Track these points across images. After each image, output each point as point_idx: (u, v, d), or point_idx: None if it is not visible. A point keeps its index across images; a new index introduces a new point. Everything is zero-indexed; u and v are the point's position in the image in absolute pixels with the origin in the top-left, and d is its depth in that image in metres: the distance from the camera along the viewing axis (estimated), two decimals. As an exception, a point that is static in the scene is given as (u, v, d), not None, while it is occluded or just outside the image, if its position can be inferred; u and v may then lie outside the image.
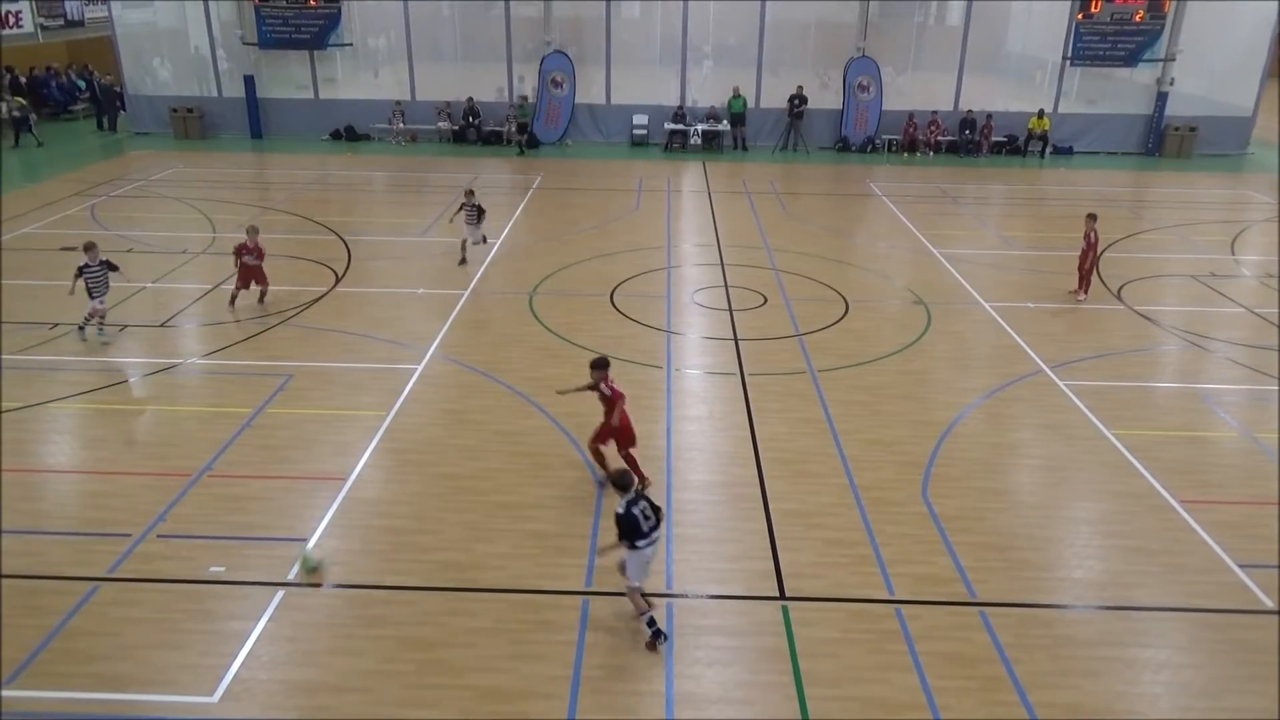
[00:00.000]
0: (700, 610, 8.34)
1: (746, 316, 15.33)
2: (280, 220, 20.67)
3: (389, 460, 10.71)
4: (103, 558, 8.81)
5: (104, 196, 22.46)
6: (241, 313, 14.93)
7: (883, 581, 8.70)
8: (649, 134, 30.30)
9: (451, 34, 31.50)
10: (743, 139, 29.83)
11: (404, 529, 9.40)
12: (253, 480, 10.18)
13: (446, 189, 23.92)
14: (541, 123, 30.09)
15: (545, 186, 24.42)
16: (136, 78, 30.96)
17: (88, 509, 9.69)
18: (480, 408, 11.98)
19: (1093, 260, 16.11)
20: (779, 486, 10.29)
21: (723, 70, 30.47)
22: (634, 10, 31.47)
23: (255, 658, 7.61)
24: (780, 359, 13.64)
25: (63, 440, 11.32)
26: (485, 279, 16.88)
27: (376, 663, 7.59)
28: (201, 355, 13.47)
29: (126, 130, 31.36)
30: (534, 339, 14.22)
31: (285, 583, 8.51)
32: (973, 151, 29.64)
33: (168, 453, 10.72)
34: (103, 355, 13.38)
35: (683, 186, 24.99)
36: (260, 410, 11.71)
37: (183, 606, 8.18)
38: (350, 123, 30.44)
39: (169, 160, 27.01)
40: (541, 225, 20.74)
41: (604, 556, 8.25)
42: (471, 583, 8.60)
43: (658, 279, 17.12)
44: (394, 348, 13.73)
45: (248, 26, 29.70)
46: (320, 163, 27.21)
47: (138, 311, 14.99)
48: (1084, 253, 16.03)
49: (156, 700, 7.15)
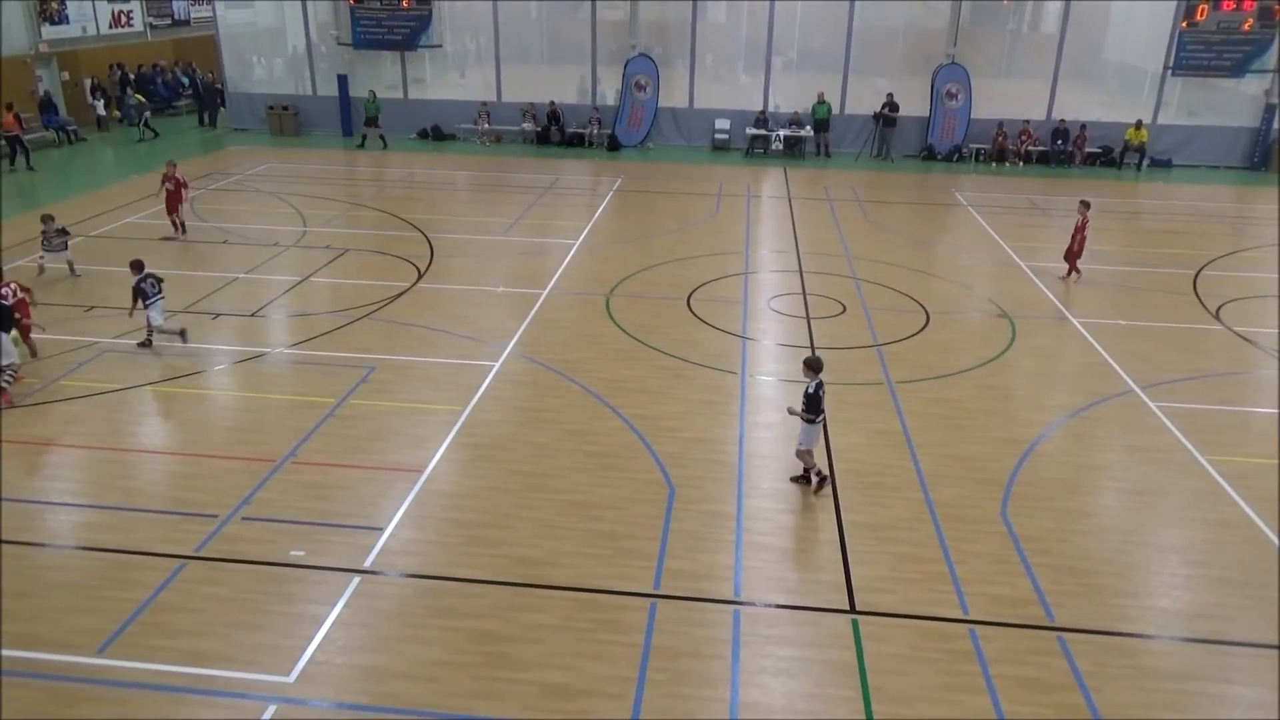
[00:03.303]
0: (768, 619, 8.27)
1: (824, 325, 15.15)
2: (367, 216, 21.21)
3: (464, 455, 10.89)
4: (190, 537, 9.16)
5: (202, 190, 23.35)
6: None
7: (957, 600, 8.50)
8: (730, 138, 30.19)
9: (538, 36, 31.94)
10: (826, 145, 29.51)
11: (476, 523, 9.54)
12: (333, 468, 10.46)
13: (528, 189, 24.24)
14: (624, 125, 30.26)
15: (625, 189, 24.53)
16: (237, 75, 32.15)
17: (178, 489, 10.09)
18: (555, 406, 12.09)
19: (1080, 244, 17.09)
20: (852, 498, 10.13)
21: (807, 75, 30.19)
22: (719, 14, 31.41)
23: (330, 641, 7.82)
24: (857, 369, 13.45)
25: (156, 422, 11.82)
26: (563, 279, 17.03)
27: (446, 653, 7.72)
28: (288, 345, 13.90)
29: (226, 126, 32.58)
30: (610, 340, 14.29)
31: (362, 569, 8.72)
32: (1065, 162, 28.77)
33: (254, 438, 11.09)
34: (196, 342, 13.89)
35: (763, 192, 24.84)
36: (343, 401, 12.03)
37: (264, 588, 8.46)
38: (437, 122, 31.07)
39: (264, 156, 27.96)
40: (620, 227, 20.84)
41: (792, 414, 10.28)
42: (540, 579, 8.68)
43: (735, 284, 17.04)
44: (472, 344, 13.96)
45: (343, 27, 30.59)
46: (407, 161, 27.84)
47: (230, 301, 15.54)
48: (1073, 236, 17.11)
49: (236, 677, 7.40)
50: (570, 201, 23.40)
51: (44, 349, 13.33)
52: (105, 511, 9.59)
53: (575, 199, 23.70)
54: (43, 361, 12.99)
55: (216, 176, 25.05)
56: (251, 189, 23.79)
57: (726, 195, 24.02)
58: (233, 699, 7.19)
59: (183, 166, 25.61)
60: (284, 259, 18.02)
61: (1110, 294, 17.00)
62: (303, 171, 26.15)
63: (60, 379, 12.51)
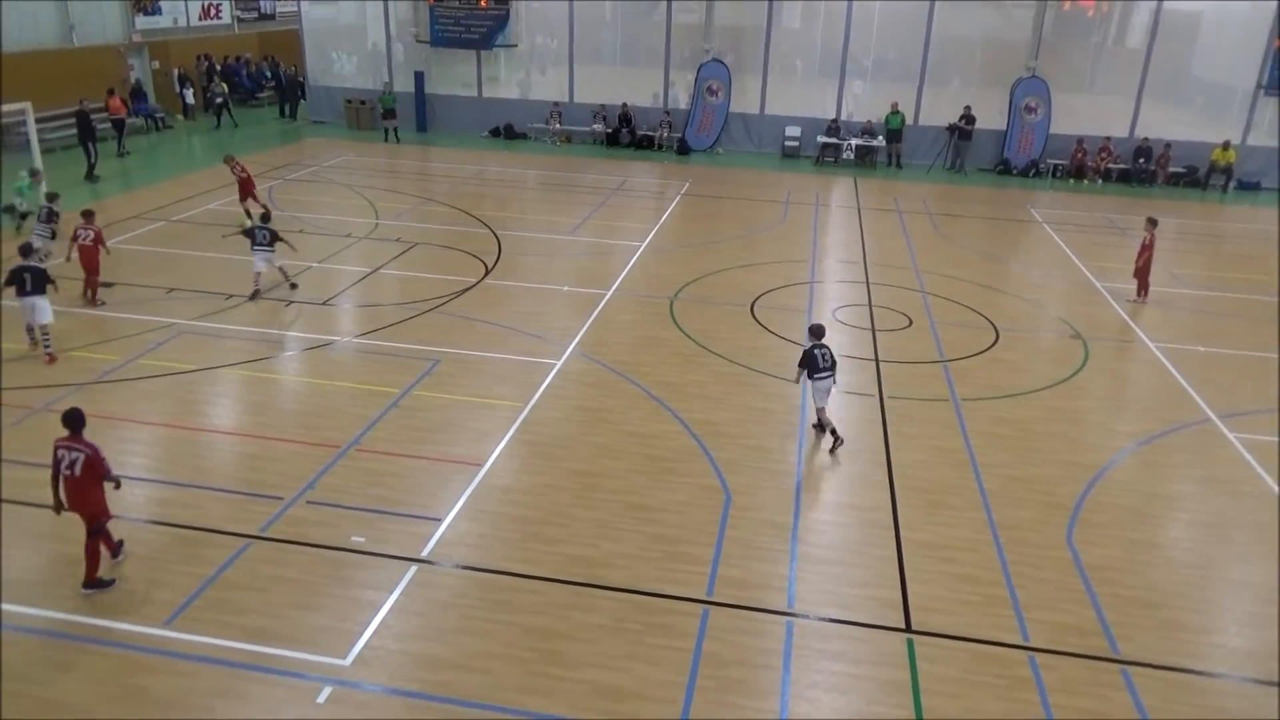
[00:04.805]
0: (821, 633, 8.18)
1: (889, 338, 14.95)
2: (438, 212, 21.55)
3: (523, 451, 10.99)
4: (256, 517, 9.39)
5: (281, 180, 23.98)
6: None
7: (1017, 625, 8.31)
8: (801, 146, 29.97)
9: (612, 38, 32.09)
10: (898, 156, 29.11)
11: (533, 519, 9.62)
12: (396, 457, 10.63)
13: (597, 190, 24.38)
14: (694, 130, 30.24)
15: (693, 193, 24.51)
16: (317, 70, 32.94)
17: (246, 470, 10.36)
18: (615, 408, 12.13)
19: (1146, 262, 16.70)
20: (912, 515, 9.97)
21: (881, 84, 29.81)
22: (794, 19, 31.18)
23: (386, 627, 7.95)
24: (922, 384, 13.23)
25: (227, 403, 12.16)
26: (628, 281, 17.08)
27: (499, 646, 7.79)
28: (357, 335, 14.18)
29: (305, 118, 33.39)
30: (672, 344, 14.29)
31: (419, 558, 8.85)
32: (1146, 181, 27.94)
33: (320, 424, 11.33)
34: (268, 327, 14.27)
35: (832, 201, 24.60)
36: (407, 391, 12.23)
37: (324, 571, 8.64)
38: (510, 121, 31.42)
39: (341, 149, 28.59)
40: (687, 231, 20.83)
41: (795, 378, 11.40)
42: (595, 579, 8.72)
43: (799, 293, 16.91)
44: (536, 341, 14.08)
45: (422, 25, 31.10)
46: (479, 158, 28.21)
47: (303, 289, 15.90)
48: (1140, 255, 16.77)
49: (295, 657, 7.57)
50: (637, 204, 23.46)
51: (125, 328, 13.82)
52: (177, 488, 9.90)
53: (643, 202, 23.76)
54: (123, 340, 13.46)
55: (294, 167, 25.69)
56: (327, 180, 24.35)
57: (794, 203, 23.85)
58: (291, 678, 7.36)
59: (262, 157, 26.42)
60: (356, 250, 18.39)
61: (1189, 318, 16.46)
62: (377, 165, 26.67)
63: (139, 357, 12.95)
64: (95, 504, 8.17)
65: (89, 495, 8.11)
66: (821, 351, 11.03)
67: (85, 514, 8.17)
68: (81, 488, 8.06)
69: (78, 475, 8.01)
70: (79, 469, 8.00)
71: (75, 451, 8.02)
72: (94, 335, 13.61)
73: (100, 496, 8.19)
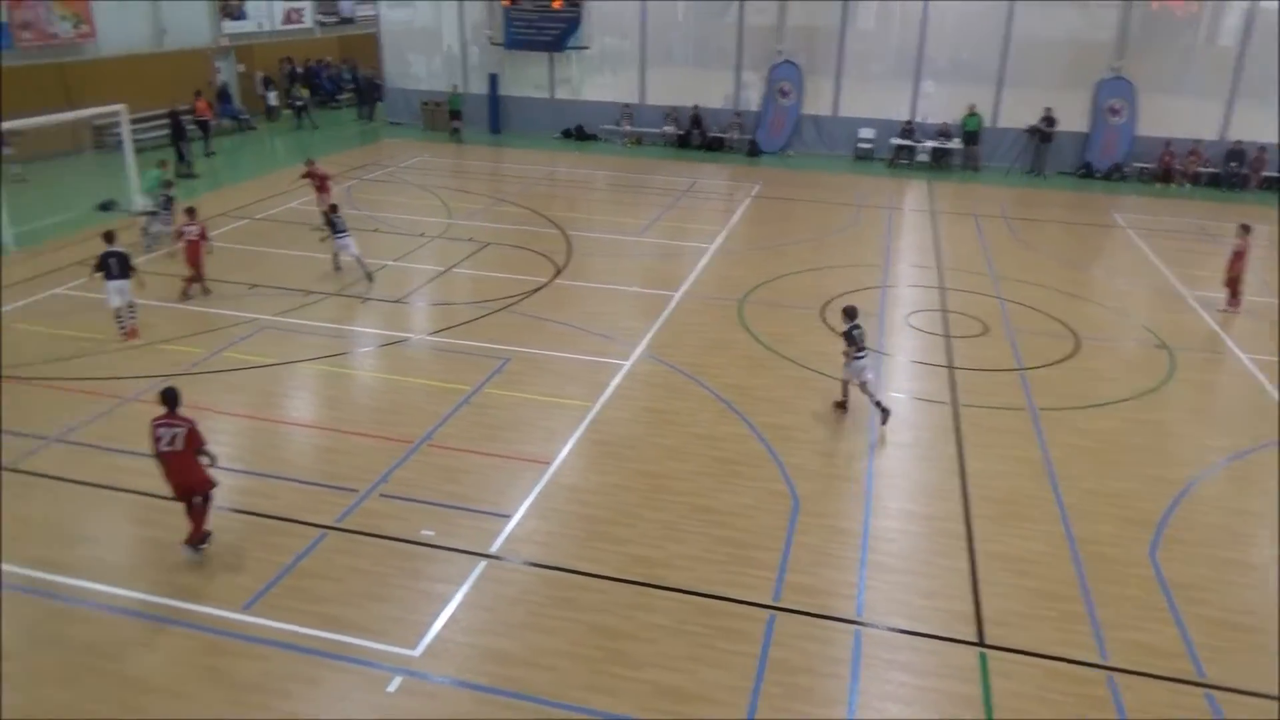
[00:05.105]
0: (889, 643, 8.04)
1: (964, 344, 14.63)
2: (510, 212, 21.80)
3: (591, 451, 11.04)
4: (332, 508, 9.62)
5: (358, 180, 24.54)
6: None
7: (1095, 644, 8.05)
8: (874, 148, 29.55)
9: (683, 40, 32.06)
10: (975, 159, 28.50)
11: (600, 518, 9.66)
12: (466, 454, 10.78)
13: (667, 192, 24.39)
14: (765, 131, 30.05)
15: (763, 195, 24.36)
16: (395, 72, 33.64)
17: (322, 462, 10.62)
18: (683, 409, 12.11)
19: (1239, 270, 16.13)
20: (986, 527, 9.74)
21: (958, 86, 29.18)
22: (870, 20, 30.74)
23: (455, 621, 8.07)
24: (998, 392, 12.92)
25: (305, 397, 12.49)
26: (697, 283, 17.05)
27: (565, 644, 7.84)
28: (429, 332, 14.43)
29: (382, 120, 34.12)
30: (740, 347, 14.21)
31: (488, 554, 8.96)
32: (1239, 186, 26.84)
33: (394, 419, 11.56)
34: (345, 323, 14.61)
35: (905, 204, 24.21)
36: (478, 389, 12.40)
37: (396, 563, 8.80)
38: (581, 123, 31.65)
39: (416, 150, 29.14)
40: (756, 234, 20.71)
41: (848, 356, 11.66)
42: (660, 580, 8.71)
43: (871, 297, 16.66)
44: (604, 342, 14.14)
45: (496, 28, 31.53)
46: (550, 159, 28.47)
47: (378, 287, 16.25)
48: (1231, 263, 16.17)
49: (366, 646, 7.74)
50: (707, 206, 23.41)
51: (212, 322, 14.30)
52: (258, 478, 10.19)
53: (712, 203, 23.70)
54: (210, 334, 13.91)
55: (371, 168, 26.26)
56: (403, 180, 24.83)
57: (867, 206, 23.53)
58: (362, 666, 7.52)
59: (340, 158, 27.10)
60: (429, 249, 18.72)
61: (1284, 330, 15.76)
62: (451, 166, 27.12)
63: (224, 350, 13.37)
64: (198, 474, 8.57)
65: (191, 467, 8.51)
66: (858, 331, 11.61)
67: (189, 486, 8.55)
68: (184, 461, 8.46)
69: (179, 450, 8.41)
70: (180, 443, 8.40)
71: (175, 427, 8.42)
72: (183, 329, 14.10)
73: (201, 467, 8.58)
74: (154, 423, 8.51)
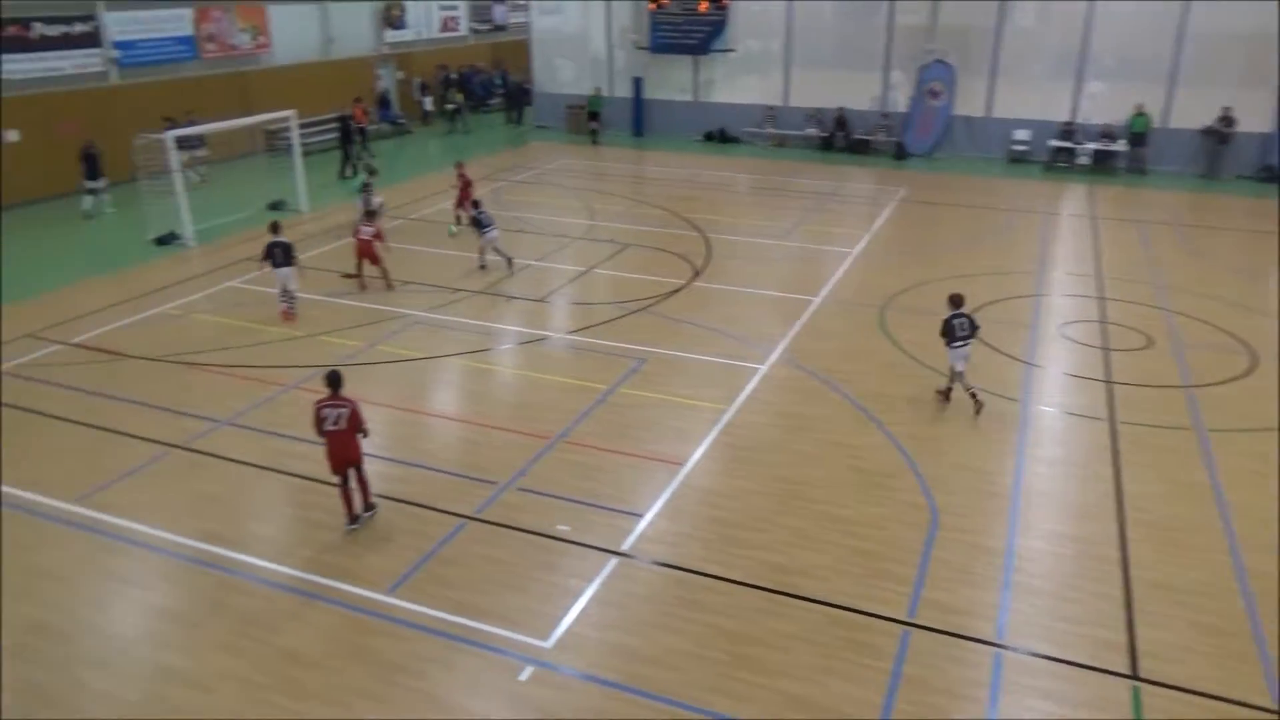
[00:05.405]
0: (1031, 668, 7.67)
1: (1124, 358, 13.79)
2: (650, 214, 22.01)
3: (725, 454, 11.01)
4: (472, 499, 9.97)
5: (506, 182, 25.33)
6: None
7: (1265, 686, 7.44)
8: (1030, 150, 28.22)
9: (830, 41, 31.51)
10: (1141, 161, 26.79)
11: (732, 522, 9.62)
12: (601, 452, 10.96)
13: (809, 195, 24.07)
14: (913, 133, 29.19)
15: (909, 199, 23.67)
16: (544, 77, 34.53)
17: (465, 454, 11.02)
18: (819, 416, 11.92)
19: None
20: (1143, 552, 9.15)
21: (1124, 85, 27.50)
22: (1029, 17, 29.37)
23: (586, 616, 8.21)
24: (1161, 410, 12.11)
25: (450, 391, 12.99)
26: (837, 288, 16.74)
27: (692, 645, 7.85)
28: (568, 331, 14.74)
29: (530, 123, 35.09)
30: (880, 354, 13.87)
31: (619, 552, 9.08)
32: None
33: (533, 415, 11.87)
34: (489, 320, 15.11)
35: (1062, 209, 23.01)
36: (614, 389, 12.58)
37: (531, 555, 9.04)
38: (723, 125, 31.61)
39: (561, 152, 29.82)
40: (901, 238, 20.15)
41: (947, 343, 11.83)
42: (791, 587, 8.60)
43: (1022, 306, 15.93)
44: (741, 345, 14.08)
45: (642, 32, 31.89)
46: (692, 162, 28.56)
47: (521, 285, 16.73)
48: None
49: (501, 634, 7.98)
50: (850, 209, 22.96)
51: (367, 317, 15.08)
52: (405, 466, 10.67)
53: (856, 207, 23.22)
54: (364, 327, 14.67)
55: (518, 170, 27.05)
56: (547, 183, 25.46)
57: (1020, 211, 22.50)
58: (496, 654, 7.76)
59: (490, 160, 28.05)
60: (571, 250, 19.12)
61: None
62: (594, 168, 27.60)
63: (377, 344, 14.07)
64: (356, 450, 9.26)
65: (351, 444, 9.20)
66: (960, 320, 11.74)
67: (348, 460, 9.24)
68: (346, 439, 9.16)
69: (342, 428, 9.09)
70: (343, 422, 9.10)
71: (340, 407, 9.11)
72: (342, 321, 14.93)
73: (359, 444, 9.27)
74: (319, 404, 9.18)
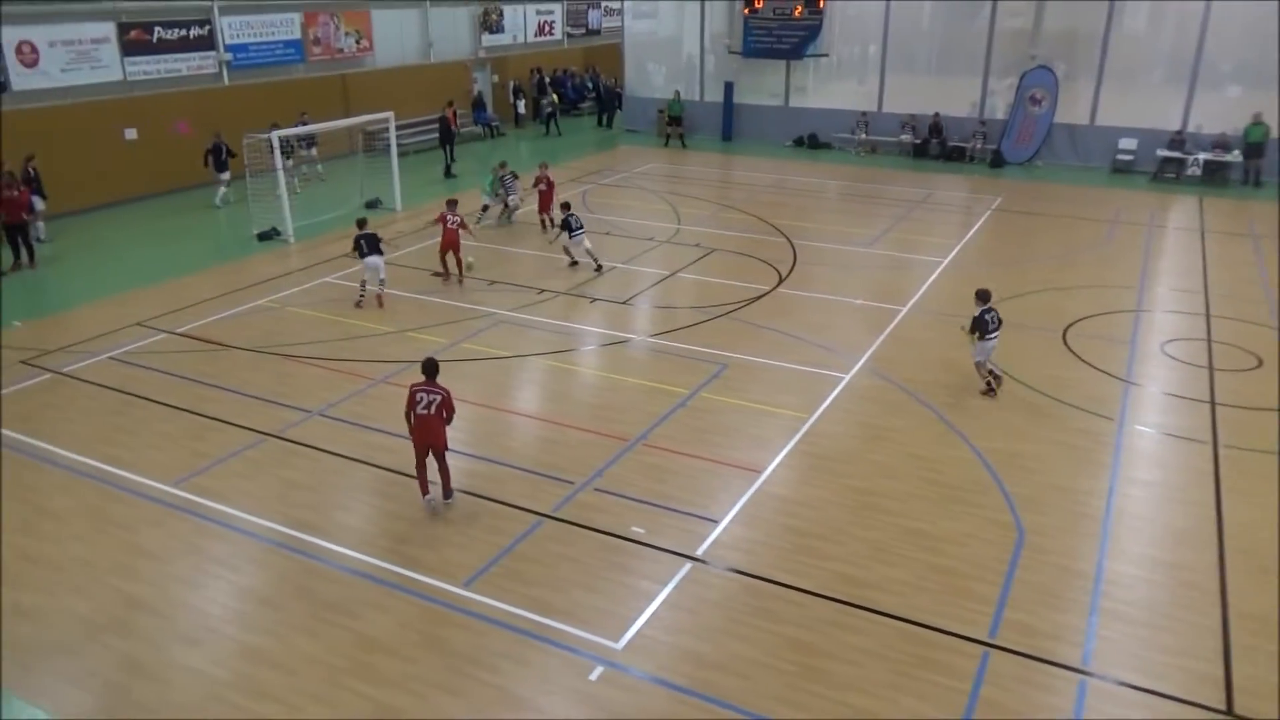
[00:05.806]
0: (1119, 698, 7.36)
1: (1231, 379, 13.13)
2: (736, 219, 21.91)
3: (803, 462, 10.89)
4: (549, 497, 10.08)
5: (593, 184, 25.56)
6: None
7: (1376, 733, 6.98)
8: (1135, 160, 27.12)
9: (927, 46, 30.90)
10: (1257, 173, 25.47)
11: (807, 531, 9.50)
12: (678, 456, 10.95)
13: (900, 202, 23.62)
14: (1011, 141, 28.37)
15: (1005, 209, 23.00)
16: (635, 81, 34.74)
17: (543, 453, 11.15)
18: (901, 428, 11.68)
19: None
20: (1243, 583, 8.69)
21: (1241, 92, 26.19)
22: (1139, 21, 28.23)
23: (658, 619, 8.21)
24: (1270, 435, 11.48)
25: (532, 390, 13.17)
26: (926, 298, 16.38)
27: (762, 654, 7.78)
28: (651, 334, 14.78)
29: (620, 127, 35.33)
30: (968, 366, 13.46)
31: (693, 556, 9.06)
32: None
33: (612, 416, 11.94)
34: (572, 321, 15.26)
35: (1169, 222, 22.04)
36: (695, 393, 12.56)
37: (605, 556, 9.09)
38: (814, 131, 31.28)
39: (650, 156, 29.95)
40: (995, 249, 19.60)
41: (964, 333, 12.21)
42: (865, 601, 8.45)
43: (1122, 321, 15.31)
44: (824, 353, 13.90)
45: (735, 36, 31.80)
46: (781, 167, 28.34)
47: (606, 288, 16.86)
48: None
49: (573, 633, 8.04)
50: (942, 218, 22.43)
51: (453, 314, 15.40)
52: (485, 463, 10.86)
53: (948, 216, 22.68)
54: (451, 325, 14.99)
55: (606, 173, 27.27)
56: (636, 186, 25.60)
57: (1123, 223, 21.64)
58: (568, 652, 7.82)
59: (579, 163, 28.35)
60: (656, 253, 19.17)
61: None
62: (682, 172, 27.62)
63: (462, 341, 14.36)
64: (442, 436, 9.59)
65: (439, 429, 9.53)
66: (990, 315, 12.03)
67: (433, 445, 9.57)
68: (434, 424, 9.49)
69: (433, 414, 9.44)
70: (434, 408, 9.45)
71: (434, 394, 9.49)
72: (429, 319, 15.28)
73: (445, 430, 9.60)
74: (413, 388, 9.56)
